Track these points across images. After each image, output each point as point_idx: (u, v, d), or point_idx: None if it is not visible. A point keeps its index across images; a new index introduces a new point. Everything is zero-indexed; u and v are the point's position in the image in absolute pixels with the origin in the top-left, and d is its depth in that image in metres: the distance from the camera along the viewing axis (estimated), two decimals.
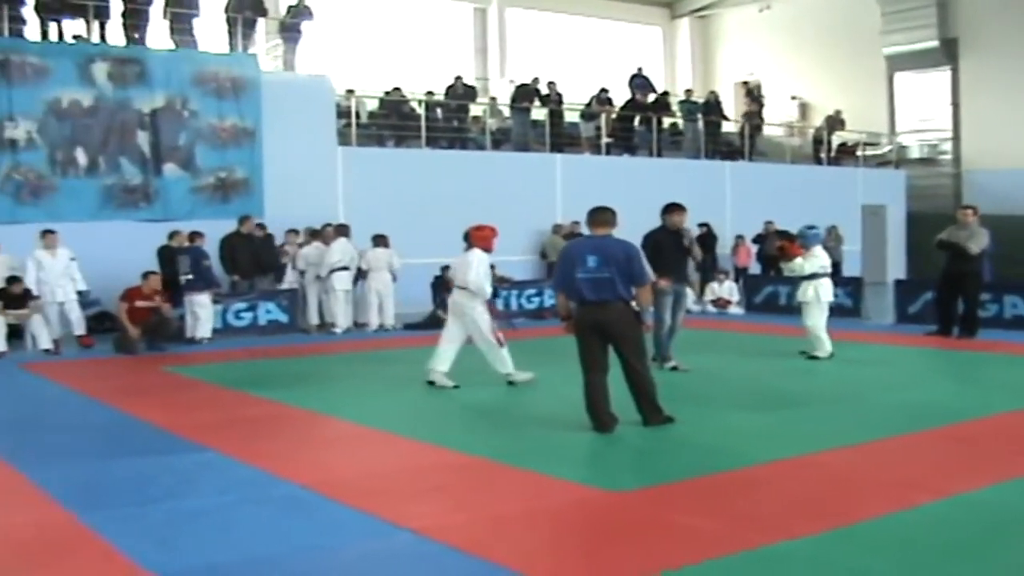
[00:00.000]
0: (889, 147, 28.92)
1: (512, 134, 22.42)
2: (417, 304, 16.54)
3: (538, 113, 22.56)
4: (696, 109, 25.21)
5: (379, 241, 16.00)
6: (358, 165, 18.76)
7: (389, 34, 27.33)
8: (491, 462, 6.82)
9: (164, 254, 15.23)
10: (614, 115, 23.59)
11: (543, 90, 22.80)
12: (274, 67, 19.09)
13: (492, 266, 11.05)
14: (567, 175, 21.05)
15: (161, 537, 5.19)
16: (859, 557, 4.78)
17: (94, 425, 8.55)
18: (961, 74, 27.78)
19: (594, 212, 8.23)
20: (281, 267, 16.09)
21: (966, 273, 13.66)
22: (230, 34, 18.37)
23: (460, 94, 22.36)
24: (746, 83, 28.62)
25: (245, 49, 18.45)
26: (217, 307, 14.95)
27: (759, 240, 21.90)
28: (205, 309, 14.28)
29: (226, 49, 18.34)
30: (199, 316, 14.24)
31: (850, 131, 27.75)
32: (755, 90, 27.79)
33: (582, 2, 30.94)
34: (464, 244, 10.54)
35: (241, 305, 15.30)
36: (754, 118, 26.78)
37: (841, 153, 27.62)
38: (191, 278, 14.24)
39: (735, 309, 18.56)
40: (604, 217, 8.17)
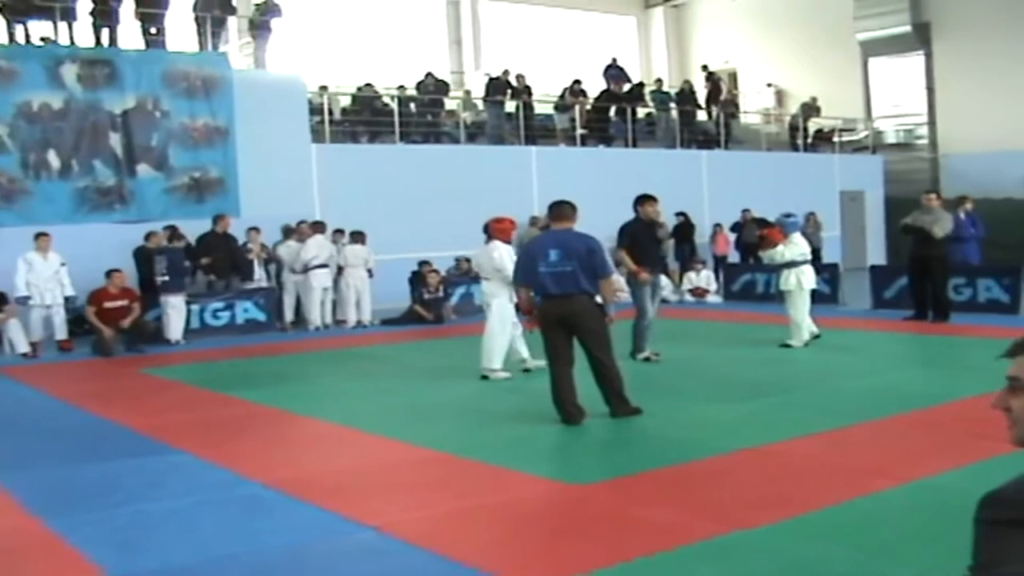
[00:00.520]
0: (865, 132, 29.03)
1: (487, 127, 22.43)
2: (395, 300, 16.56)
3: (511, 105, 22.57)
4: (668, 99, 25.24)
5: (356, 238, 16.02)
6: (332, 162, 18.74)
7: (362, 29, 27.26)
8: (457, 458, 6.87)
9: (140, 255, 15.23)
10: (588, 106, 23.60)
11: (514, 83, 22.78)
12: (245, 65, 19.05)
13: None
14: (542, 167, 21.08)
15: (124, 541, 5.22)
16: (814, 545, 4.83)
17: (65, 429, 8.55)
18: (935, 58, 27.89)
19: (554, 206, 8.32)
20: (248, 265, 16.03)
21: (932, 257, 13.76)
22: (199, 33, 18.31)
23: (432, 89, 22.33)
24: (705, 68, 28.60)
25: (215, 48, 18.42)
26: (194, 307, 14.95)
27: (737, 228, 21.97)
28: (176, 310, 14.26)
29: (196, 48, 18.28)
30: (171, 317, 14.23)
31: (826, 117, 27.83)
32: (715, 76, 27.76)
33: None
34: (484, 236, 10.69)
35: (218, 304, 15.30)
36: (728, 106, 26.84)
37: (818, 139, 27.69)
38: (166, 279, 14.23)
39: (712, 298, 18.64)
40: (565, 211, 8.25)
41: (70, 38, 17.24)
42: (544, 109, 23.73)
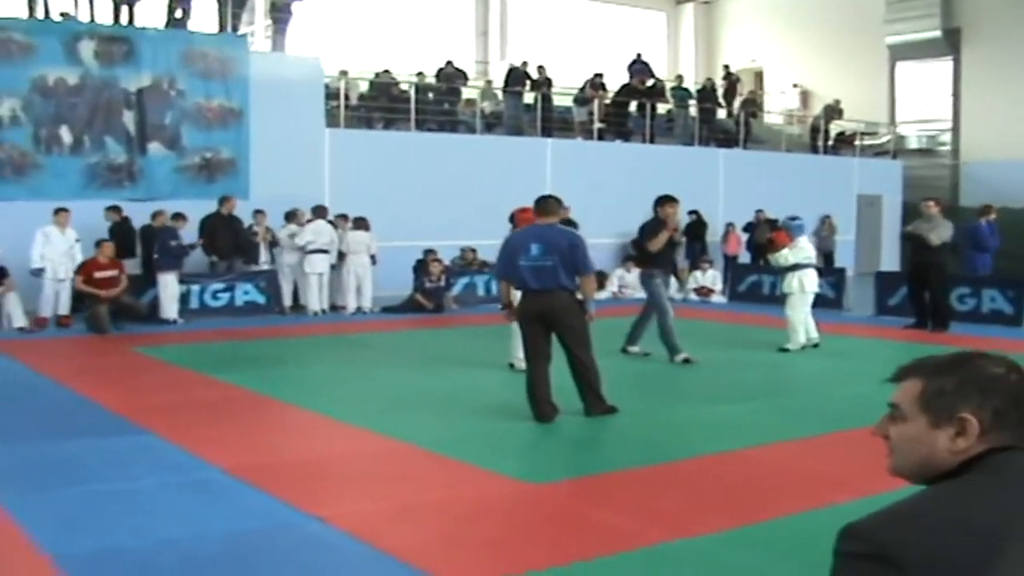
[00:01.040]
0: (888, 137, 28.76)
1: (504, 118, 22.36)
2: (398, 287, 16.54)
3: (530, 97, 22.49)
4: (687, 95, 25.09)
5: (359, 224, 16.00)
6: (345, 147, 18.72)
7: (391, 16, 27.26)
8: (423, 451, 6.85)
9: (144, 234, 15.28)
10: (607, 100, 23.49)
11: (533, 74, 22.71)
12: (265, 48, 19.07)
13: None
14: (557, 160, 20.98)
15: (69, 520, 5.25)
16: (755, 557, 4.79)
17: (44, 406, 8.56)
18: (963, 65, 27.57)
19: (539, 201, 8.27)
20: (254, 247, 16.06)
21: (929, 265, 13.61)
22: (220, 15, 18.35)
23: (450, 77, 22.28)
24: (727, 67, 28.42)
25: (235, 30, 18.44)
26: (194, 287, 14.99)
27: (749, 228, 21.84)
28: (166, 289, 14.28)
29: (216, 30, 18.31)
30: (162, 296, 14.28)
31: (848, 120, 27.59)
32: (732, 76, 27.59)
33: None
34: (509, 226, 10.42)
35: (219, 286, 15.31)
36: (749, 105, 26.65)
37: (839, 142, 27.45)
38: (156, 257, 14.31)
39: (717, 298, 18.52)
40: (549, 206, 8.19)
41: (91, 14, 17.30)
42: (564, 102, 23.63)
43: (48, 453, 6.73)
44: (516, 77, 22.49)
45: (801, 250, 12.16)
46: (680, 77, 26.63)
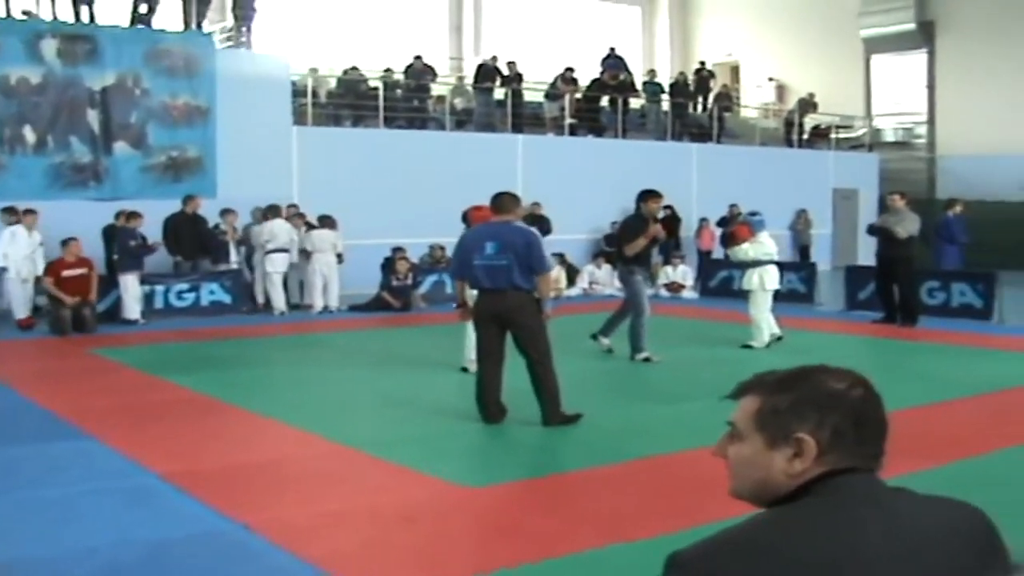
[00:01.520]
0: (863, 130, 28.75)
1: (475, 114, 22.24)
2: (366, 285, 16.42)
3: (500, 93, 22.38)
4: (659, 90, 25.01)
5: (325, 222, 15.87)
6: (313, 145, 18.59)
7: (361, 12, 27.07)
8: (364, 454, 6.75)
9: (108, 233, 15.14)
10: (579, 95, 23.39)
11: (503, 70, 22.59)
12: (229, 46, 18.91)
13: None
14: (528, 156, 20.88)
15: None
16: None
17: None
18: (937, 57, 27.60)
19: (495, 198, 8.10)
20: (221, 247, 15.91)
21: (895, 258, 13.55)
22: (185, 12, 18.18)
23: (419, 72, 22.14)
24: (701, 63, 28.33)
25: (200, 27, 18.27)
26: (158, 287, 14.86)
27: (723, 223, 21.76)
28: (128, 290, 14.15)
29: (181, 27, 18.15)
30: (124, 297, 14.16)
31: (823, 114, 27.55)
32: (704, 71, 27.51)
33: None
34: (463, 225, 10.12)
35: (183, 286, 15.17)
36: (723, 100, 26.57)
37: (814, 136, 27.41)
38: (115, 258, 14.18)
39: (688, 293, 18.46)
40: (505, 203, 8.00)
41: (52, 13, 17.13)
42: (536, 97, 23.50)
43: None
44: (486, 73, 22.37)
45: (762, 245, 12.06)
46: (652, 72, 26.54)
